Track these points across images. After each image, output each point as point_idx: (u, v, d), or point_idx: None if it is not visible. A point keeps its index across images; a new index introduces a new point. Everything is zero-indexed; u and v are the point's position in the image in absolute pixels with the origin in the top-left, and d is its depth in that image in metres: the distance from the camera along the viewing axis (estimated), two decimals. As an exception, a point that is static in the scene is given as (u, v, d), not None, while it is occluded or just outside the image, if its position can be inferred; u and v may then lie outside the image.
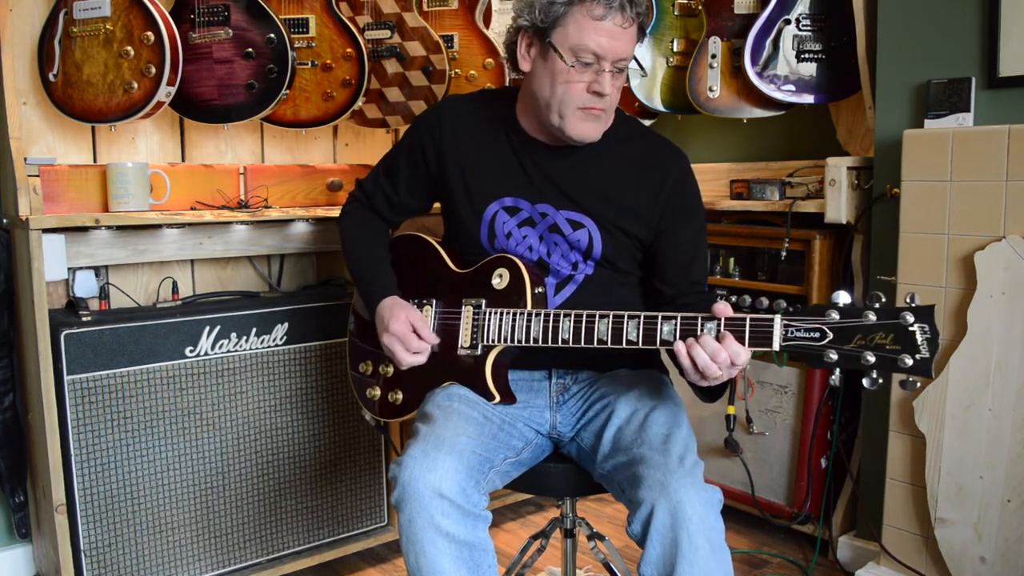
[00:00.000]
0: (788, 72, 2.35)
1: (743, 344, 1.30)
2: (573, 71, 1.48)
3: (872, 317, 1.22)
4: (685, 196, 1.62)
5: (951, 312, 1.95)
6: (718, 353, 1.30)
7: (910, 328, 1.20)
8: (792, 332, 1.27)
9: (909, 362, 1.19)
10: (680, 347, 1.33)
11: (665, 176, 1.60)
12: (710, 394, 1.45)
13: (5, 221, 2.05)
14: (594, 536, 1.78)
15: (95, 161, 2.26)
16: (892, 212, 2.09)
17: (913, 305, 1.20)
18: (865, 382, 1.23)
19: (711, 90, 2.45)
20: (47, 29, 2.06)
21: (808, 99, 2.36)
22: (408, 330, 1.56)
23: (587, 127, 1.52)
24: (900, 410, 2.06)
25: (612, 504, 2.77)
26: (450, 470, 1.35)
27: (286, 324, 2.19)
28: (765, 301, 2.54)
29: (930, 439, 1.98)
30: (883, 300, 1.22)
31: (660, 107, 2.59)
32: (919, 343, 1.19)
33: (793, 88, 2.35)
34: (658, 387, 1.60)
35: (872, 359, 1.22)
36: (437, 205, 1.79)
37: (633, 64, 1.58)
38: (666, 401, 1.55)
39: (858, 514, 2.32)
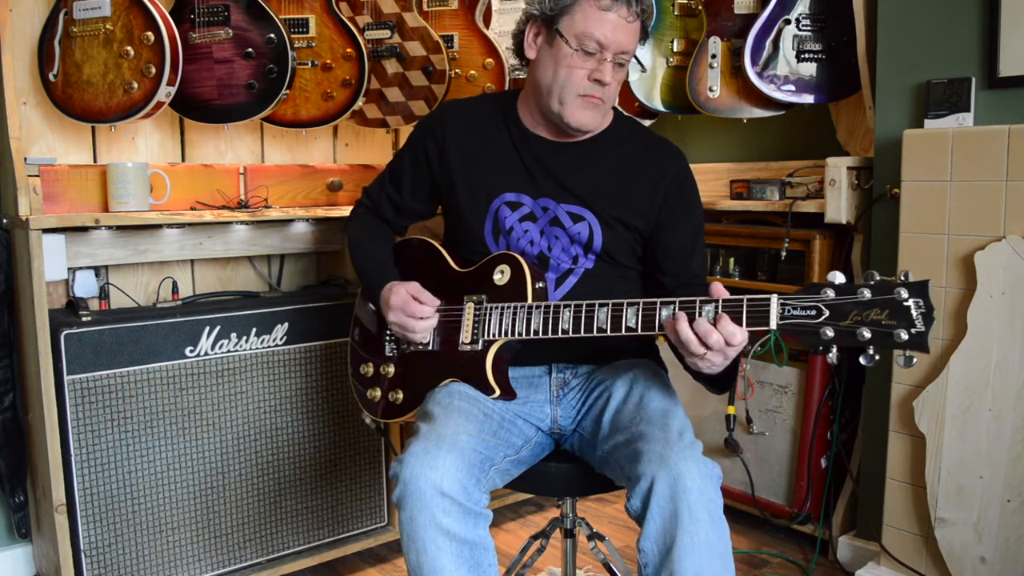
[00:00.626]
0: (788, 72, 2.35)
1: (740, 324, 1.30)
2: (576, 57, 1.53)
3: (867, 294, 1.23)
4: (683, 193, 1.65)
5: (951, 312, 1.95)
6: (709, 335, 1.31)
7: (905, 303, 1.20)
8: (789, 311, 1.27)
9: (905, 336, 1.20)
10: (668, 324, 1.34)
11: (663, 173, 1.64)
12: (717, 383, 1.46)
13: (5, 221, 2.05)
14: (594, 536, 1.78)
15: (95, 161, 2.26)
16: (892, 212, 2.10)
17: (907, 281, 1.21)
18: (862, 359, 1.24)
19: (711, 90, 2.45)
20: (47, 29, 2.06)
21: (808, 99, 2.36)
22: (407, 298, 1.59)
23: (586, 115, 1.57)
24: (900, 410, 2.06)
25: (612, 504, 2.77)
26: (451, 468, 1.35)
27: (286, 324, 2.19)
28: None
29: (930, 439, 1.98)
30: (878, 277, 1.23)
31: (660, 107, 2.59)
32: (914, 317, 1.20)
33: (793, 88, 2.35)
34: (654, 371, 1.62)
35: (868, 335, 1.22)
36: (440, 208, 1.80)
37: (633, 63, 1.61)
38: (661, 384, 1.57)
39: (858, 514, 2.32)
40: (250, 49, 2.19)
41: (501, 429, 1.54)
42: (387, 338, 1.72)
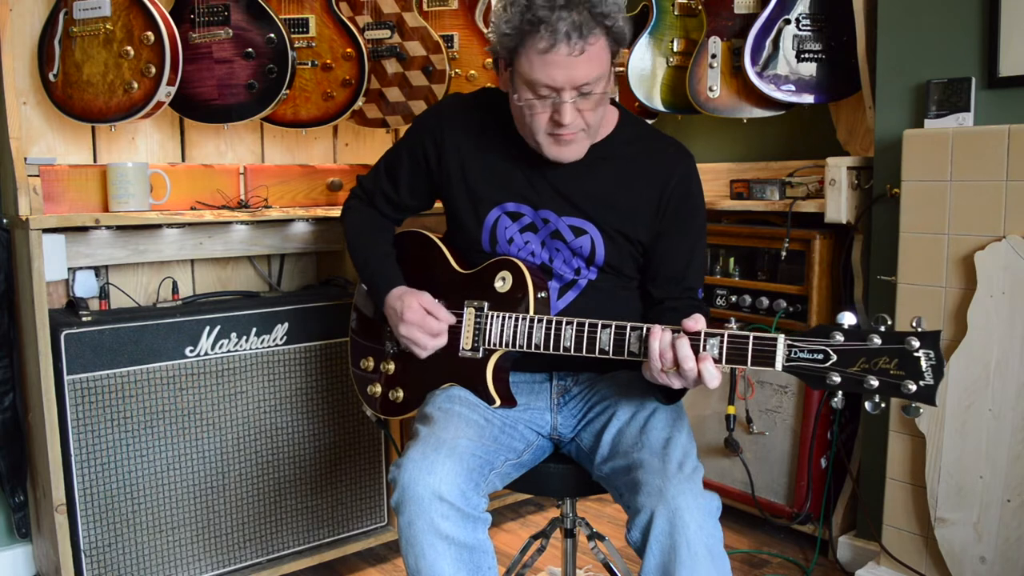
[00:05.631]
0: (788, 72, 2.35)
1: (744, 363, 1.29)
2: (535, 102, 1.44)
3: (877, 341, 1.21)
4: (688, 199, 1.60)
5: (951, 312, 1.95)
6: (664, 352, 1.31)
7: (915, 354, 1.18)
8: (795, 353, 1.25)
9: (913, 388, 1.18)
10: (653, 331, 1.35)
11: (669, 177, 1.58)
12: (668, 394, 1.44)
13: (5, 221, 2.05)
14: (594, 536, 1.78)
15: (95, 161, 2.26)
16: (892, 212, 2.09)
17: (919, 330, 1.19)
18: (867, 405, 1.22)
19: (711, 90, 2.45)
20: (47, 29, 2.06)
21: (808, 99, 2.36)
22: (423, 315, 1.55)
23: (561, 151, 1.50)
24: (900, 410, 2.06)
25: (612, 504, 2.77)
26: (450, 473, 1.35)
27: (286, 324, 2.19)
28: (765, 301, 2.53)
29: (930, 439, 1.98)
30: (888, 323, 1.21)
31: (660, 107, 2.59)
32: (924, 369, 1.18)
33: (793, 88, 2.35)
34: None
35: (875, 383, 1.20)
36: (439, 204, 1.78)
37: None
38: (667, 405, 1.54)
39: (858, 514, 2.32)
40: (250, 49, 2.19)
41: (502, 434, 1.53)
42: (388, 333, 1.71)
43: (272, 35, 2.19)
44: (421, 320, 1.54)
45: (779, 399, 2.42)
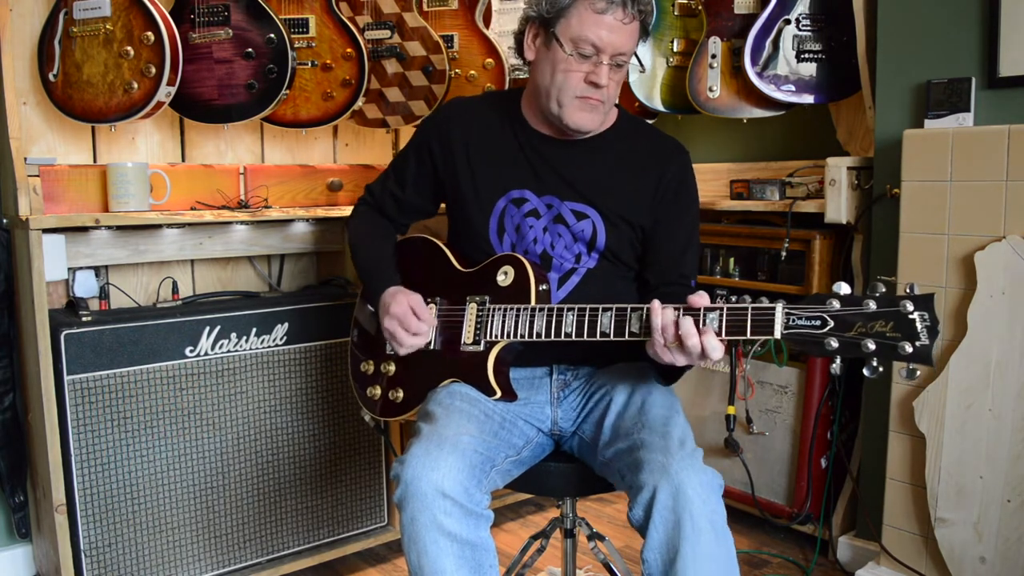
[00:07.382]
0: (788, 72, 2.35)
1: (744, 333, 1.31)
2: (572, 60, 1.53)
3: (872, 305, 1.23)
4: (683, 189, 1.66)
5: (951, 312, 1.95)
6: (667, 327, 1.33)
7: (910, 316, 1.21)
8: (793, 320, 1.28)
9: (909, 349, 1.21)
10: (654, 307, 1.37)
11: (666, 168, 1.65)
12: (665, 374, 1.48)
13: (5, 221, 2.05)
14: (594, 536, 1.78)
15: (95, 161, 2.26)
16: (892, 212, 2.10)
17: (913, 293, 1.22)
18: (866, 371, 1.24)
19: (711, 90, 2.45)
20: (47, 29, 2.06)
21: (808, 99, 2.36)
22: (407, 311, 1.59)
23: (584, 116, 1.57)
24: (900, 410, 2.06)
25: (612, 504, 2.77)
26: (452, 469, 1.35)
27: (286, 324, 2.19)
28: (765, 301, 2.54)
29: (930, 439, 1.98)
30: (883, 289, 1.24)
31: (660, 107, 2.59)
32: (919, 330, 1.21)
33: (793, 88, 2.35)
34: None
35: (872, 346, 1.23)
36: (442, 206, 1.80)
37: (633, 62, 1.62)
38: (662, 389, 1.57)
39: (858, 514, 2.32)
40: (250, 49, 2.19)
41: (502, 430, 1.54)
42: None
43: (272, 35, 2.19)
44: (403, 315, 1.58)
45: (779, 399, 2.42)
